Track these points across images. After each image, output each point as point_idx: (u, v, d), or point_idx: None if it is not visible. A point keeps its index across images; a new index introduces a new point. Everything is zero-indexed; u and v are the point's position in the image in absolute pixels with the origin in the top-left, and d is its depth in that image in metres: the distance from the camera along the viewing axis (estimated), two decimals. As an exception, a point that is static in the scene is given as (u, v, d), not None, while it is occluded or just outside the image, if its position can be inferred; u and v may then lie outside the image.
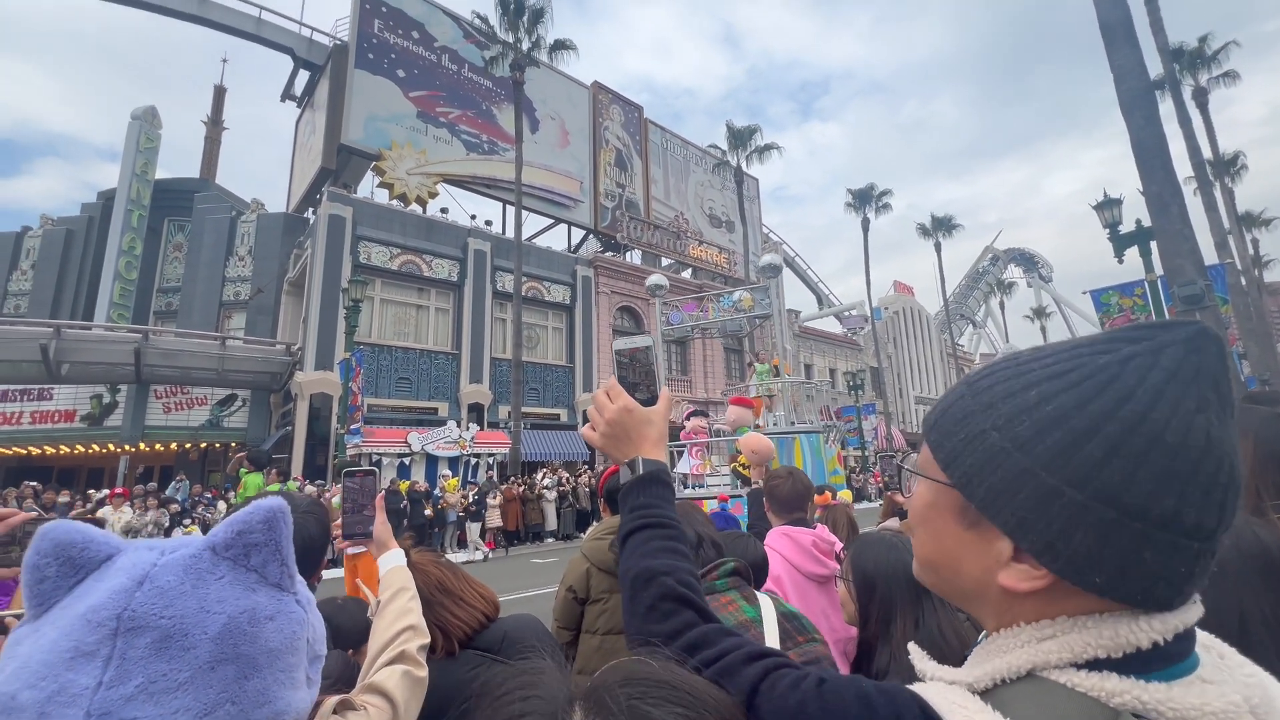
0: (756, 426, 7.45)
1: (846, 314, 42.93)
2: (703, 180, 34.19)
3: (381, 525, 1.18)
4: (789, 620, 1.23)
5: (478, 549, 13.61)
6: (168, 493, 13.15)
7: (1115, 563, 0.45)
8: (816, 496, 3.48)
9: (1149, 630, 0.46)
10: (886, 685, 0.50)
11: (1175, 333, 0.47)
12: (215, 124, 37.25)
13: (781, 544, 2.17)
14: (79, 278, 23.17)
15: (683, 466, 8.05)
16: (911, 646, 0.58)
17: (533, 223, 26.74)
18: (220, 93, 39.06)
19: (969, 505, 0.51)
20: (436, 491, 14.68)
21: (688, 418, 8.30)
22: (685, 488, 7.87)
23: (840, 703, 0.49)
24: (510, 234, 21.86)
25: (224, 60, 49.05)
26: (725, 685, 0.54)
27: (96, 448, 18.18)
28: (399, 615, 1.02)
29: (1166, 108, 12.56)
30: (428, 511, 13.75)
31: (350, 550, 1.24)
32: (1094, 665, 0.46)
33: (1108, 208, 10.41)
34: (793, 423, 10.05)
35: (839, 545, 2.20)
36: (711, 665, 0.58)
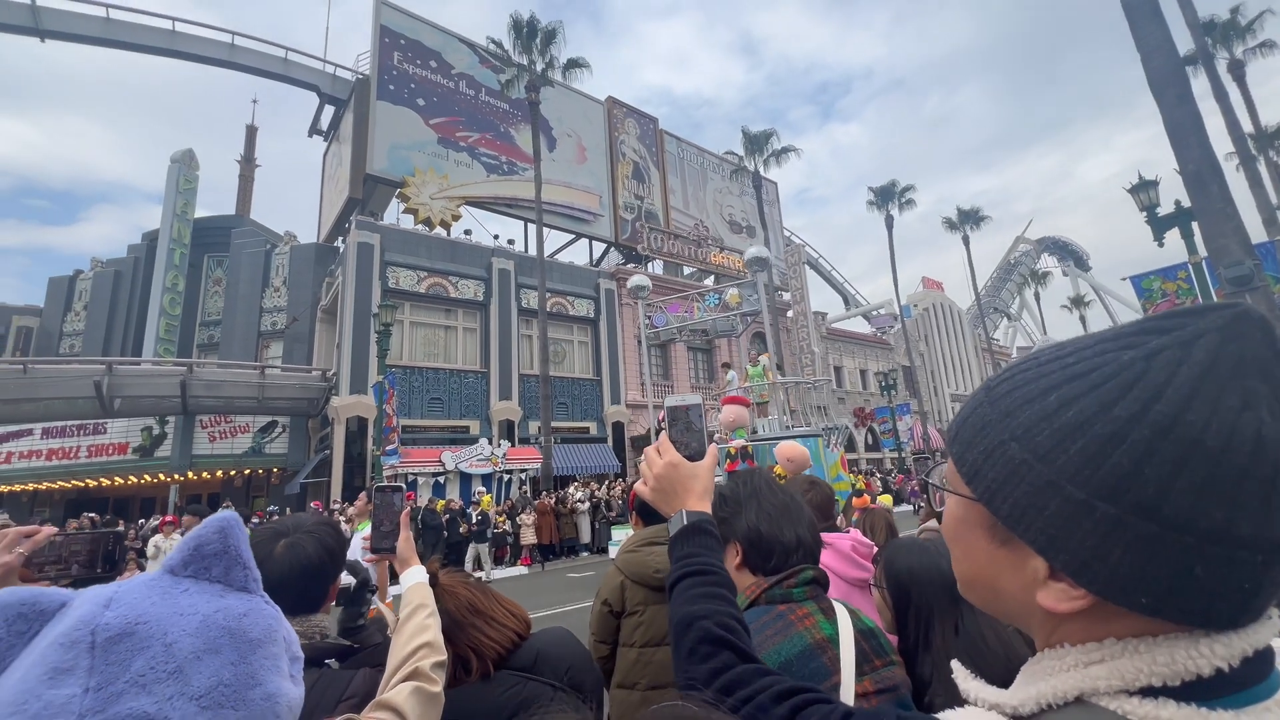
0: (754, 432, 7.21)
1: (875, 313, 42.22)
2: (721, 187, 34.19)
3: (404, 541, 1.19)
4: (867, 639, 1.16)
5: (479, 569, 13.34)
6: (215, 519, 13.57)
7: (1163, 581, 0.40)
8: (855, 500, 3.41)
9: (1211, 655, 0.41)
10: (911, 716, 0.49)
11: (1209, 319, 0.41)
12: (248, 161, 38.83)
13: (823, 556, 2.13)
14: (127, 316, 24.29)
15: None
16: (955, 664, 0.54)
17: (554, 239, 27.12)
18: (252, 132, 40.77)
19: (998, 521, 0.47)
20: (469, 510, 14.85)
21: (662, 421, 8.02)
22: None
23: None
24: (533, 251, 22.17)
25: (254, 101, 51.34)
26: None
27: (148, 478, 18.93)
28: (416, 632, 1.03)
29: (1201, 84, 12.09)
30: (462, 529, 13.90)
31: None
32: (1150, 691, 0.41)
33: (1143, 190, 10.05)
34: (789, 426, 9.64)
35: (877, 549, 2.16)
36: (745, 705, 0.58)
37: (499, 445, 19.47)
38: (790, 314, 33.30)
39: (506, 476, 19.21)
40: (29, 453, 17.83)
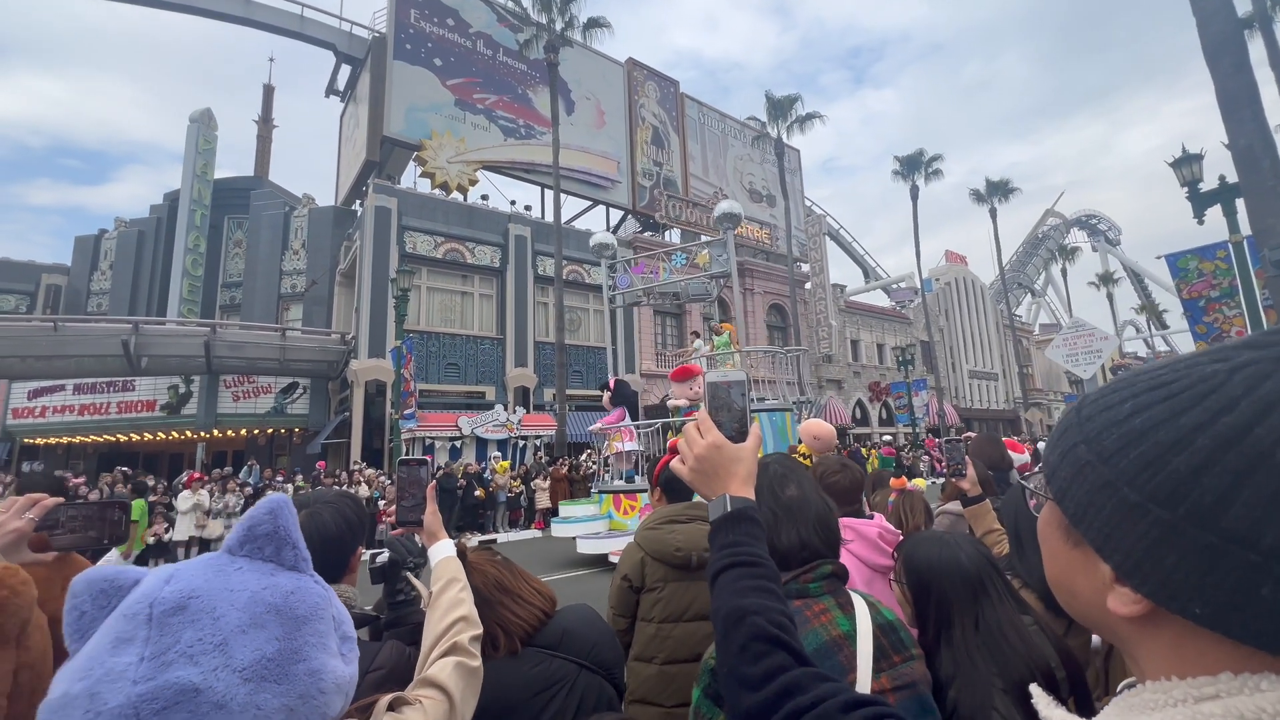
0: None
1: (895, 286, 41.48)
2: (742, 154, 33.39)
3: (431, 515, 1.19)
4: (886, 634, 1.15)
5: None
6: (240, 476, 14.01)
7: (1223, 594, 0.39)
8: (892, 480, 3.38)
9: None
10: None
11: None
12: (266, 122, 38.62)
13: (845, 537, 2.13)
14: (151, 275, 24.65)
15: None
16: (1034, 690, 0.52)
17: (571, 205, 26.80)
18: (269, 91, 40.42)
19: (1070, 523, 0.48)
20: (487, 474, 15.13)
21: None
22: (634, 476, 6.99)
23: None
24: (550, 218, 21.97)
25: (270, 60, 50.67)
26: None
27: (175, 435, 19.51)
28: (451, 607, 1.03)
29: (1257, 50, 11.40)
30: (478, 493, 14.20)
31: None
32: None
33: (1186, 164, 9.63)
34: (762, 399, 9.19)
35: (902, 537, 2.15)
36: (807, 713, 0.56)
37: (514, 411, 19.70)
38: (808, 286, 32.83)
39: (521, 442, 19.48)
40: (62, 407, 18.40)
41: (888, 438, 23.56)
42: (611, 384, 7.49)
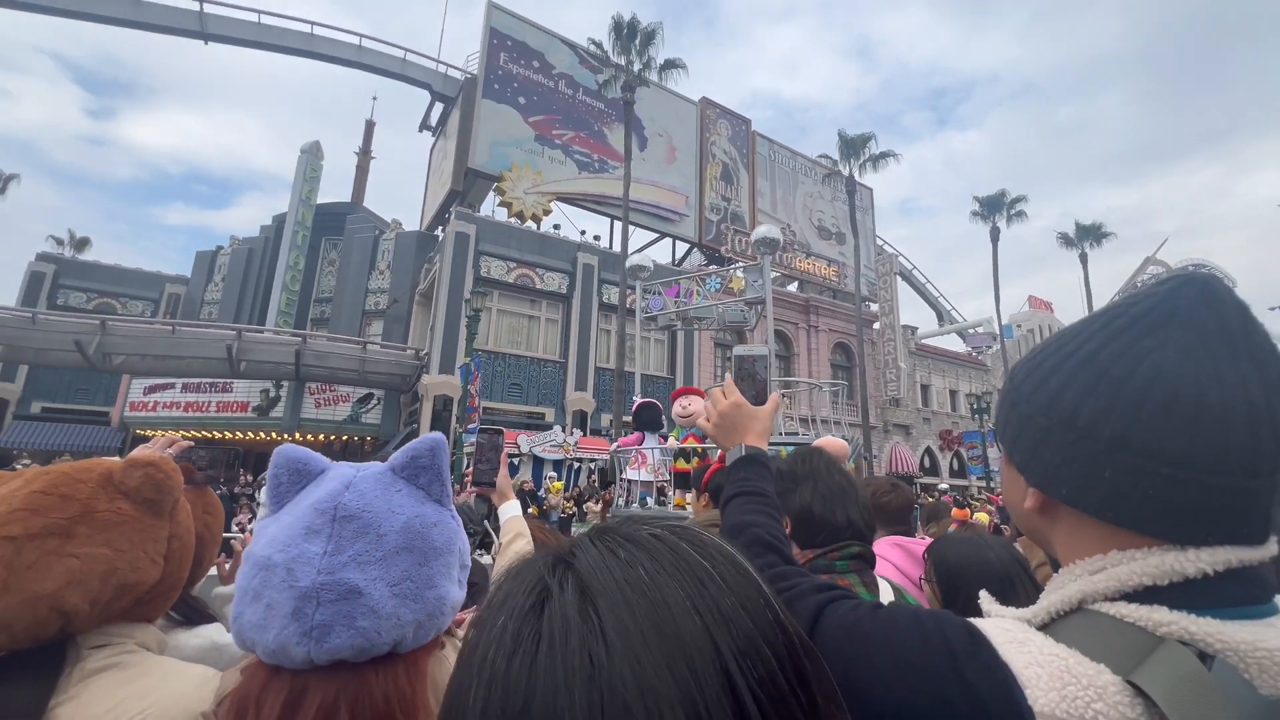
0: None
1: (971, 331, 39.53)
2: (812, 191, 33.26)
3: (503, 478, 1.34)
4: None
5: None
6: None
7: (1077, 478, 0.52)
8: (954, 510, 3.30)
9: (1196, 560, 0.47)
10: (939, 611, 0.55)
11: (1173, 281, 0.53)
12: (365, 154, 42.07)
13: (893, 554, 2.12)
14: (256, 288, 27.10)
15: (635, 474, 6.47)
16: (982, 592, 0.63)
17: (639, 237, 27.44)
18: (370, 126, 44.09)
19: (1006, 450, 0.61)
20: (541, 492, 15.40)
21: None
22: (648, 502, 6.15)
23: (893, 621, 0.54)
24: (617, 248, 22.59)
25: (374, 98, 55.34)
26: (794, 609, 0.61)
27: (264, 435, 21.07)
28: (517, 556, 1.17)
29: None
30: (531, 509, 14.47)
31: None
32: (1145, 599, 0.47)
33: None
34: (781, 433, 8.92)
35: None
36: (784, 593, 0.64)
37: (571, 434, 20.04)
38: (877, 325, 31.86)
39: (576, 465, 19.74)
40: (170, 404, 20.37)
41: (943, 486, 22.20)
42: (635, 405, 7.19)
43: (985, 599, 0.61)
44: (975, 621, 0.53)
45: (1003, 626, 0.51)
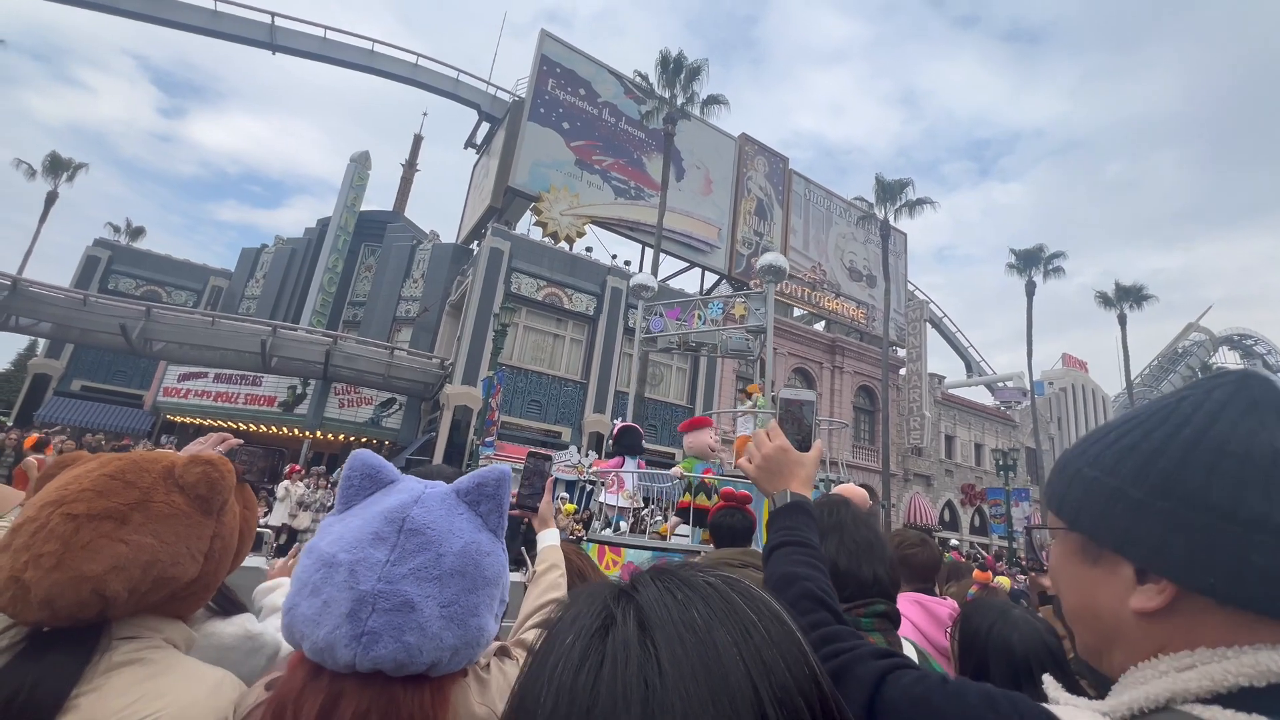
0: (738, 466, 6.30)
1: (1001, 384, 38.64)
2: (845, 232, 33.26)
3: (546, 505, 1.35)
4: None
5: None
6: (333, 476, 15.14)
7: (1225, 564, 0.47)
8: (976, 572, 3.18)
9: None
10: (1011, 693, 0.52)
11: (1222, 377, 0.55)
12: (410, 166, 43.45)
13: (913, 612, 2.05)
14: (294, 287, 27.93)
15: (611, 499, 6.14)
16: (1046, 678, 0.59)
17: (669, 265, 27.69)
18: (418, 140, 45.64)
19: (1087, 541, 0.55)
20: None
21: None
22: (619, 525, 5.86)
23: (962, 696, 0.52)
24: (647, 275, 22.79)
25: (424, 114, 57.37)
26: (850, 675, 0.59)
27: (287, 430, 21.46)
28: (549, 588, 1.19)
29: None
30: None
31: None
32: (1241, 704, 0.44)
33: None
34: (825, 478, 8.63)
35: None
36: (839, 657, 0.63)
37: (587, 455, 19.99)
38: (903, 371, 31.39)
39: (589, 486, 19.62)
40: (202, 392, 20.92)
41: (955, 542, 21.46)
42: (616, 428, 6.88)
43: (1050, 684, 0.58)
44: (1051, 708, 0.51)
45: (1080, 718, 0.49)
